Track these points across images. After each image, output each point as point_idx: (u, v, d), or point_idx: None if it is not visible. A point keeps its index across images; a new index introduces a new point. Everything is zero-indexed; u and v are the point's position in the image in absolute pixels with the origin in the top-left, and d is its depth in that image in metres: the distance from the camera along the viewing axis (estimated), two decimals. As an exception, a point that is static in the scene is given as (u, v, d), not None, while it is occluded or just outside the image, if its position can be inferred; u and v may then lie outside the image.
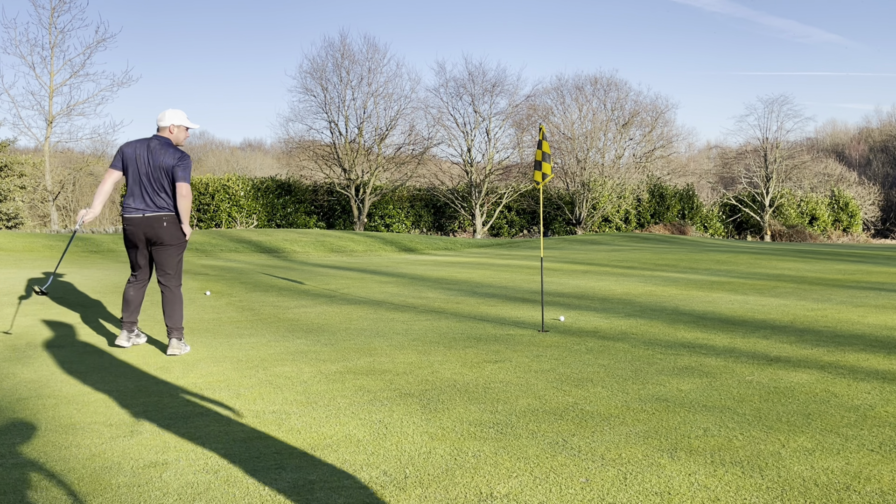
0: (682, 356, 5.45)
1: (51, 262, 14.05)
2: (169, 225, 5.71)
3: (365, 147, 38.11)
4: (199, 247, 18.39)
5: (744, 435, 3.57)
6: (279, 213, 37.90)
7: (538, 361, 5.31)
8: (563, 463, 3.22)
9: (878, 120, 77.04)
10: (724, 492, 2.88)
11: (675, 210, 43.59)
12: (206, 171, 52.31)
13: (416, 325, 6.99)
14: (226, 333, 6.59)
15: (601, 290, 10.01)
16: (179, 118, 5.85)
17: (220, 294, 9.51)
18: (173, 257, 5.79)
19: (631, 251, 20.00)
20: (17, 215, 29.66)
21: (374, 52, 38.58)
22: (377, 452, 3.38)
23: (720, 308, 8.00)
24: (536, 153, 6.90)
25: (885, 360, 5.19)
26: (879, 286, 10.13)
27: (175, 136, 5.86)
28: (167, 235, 5.71)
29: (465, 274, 12.64)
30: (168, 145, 5.78)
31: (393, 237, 25.15)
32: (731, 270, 13.08)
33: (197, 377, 4.90)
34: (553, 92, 43.90)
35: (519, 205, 41.54)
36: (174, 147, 5.80)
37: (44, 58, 28.23)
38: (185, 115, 5.89)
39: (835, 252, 19.21)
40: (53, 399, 4.35)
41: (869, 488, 2.89)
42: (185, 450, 3.43)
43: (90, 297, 8.76)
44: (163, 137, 5.82)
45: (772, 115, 49.21)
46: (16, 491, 2.96)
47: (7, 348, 5.87)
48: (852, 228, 48.55)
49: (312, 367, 5.18)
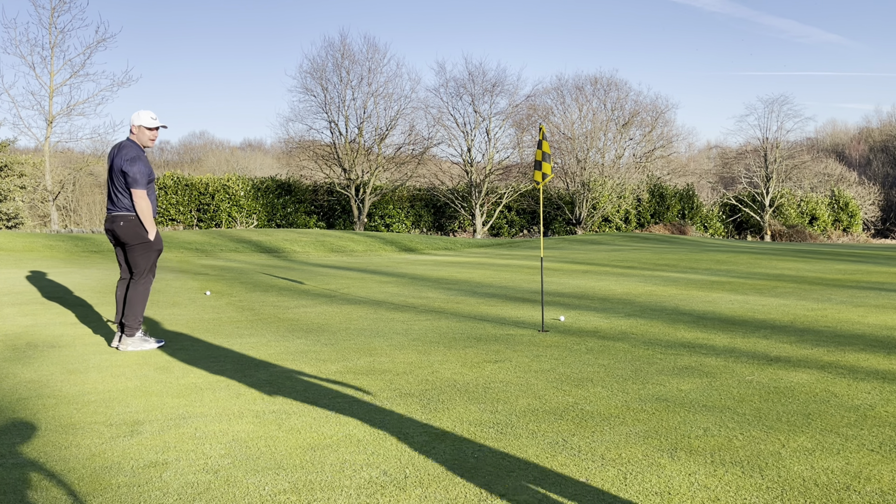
0: (682, 356, 5.45)
1: (51, 262, 14.06)
2: (126, 224, 5.81)
3: (365, 147, 38.12)
4: (199, 247, 18.38)
5: (744, 435, 3.56)
6: (279, 213, 37.90)
7: (538, 361, 5.31)
8: (563, 463, 3.22)
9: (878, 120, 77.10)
10: (724, 492, 2.88)
11: (675, 210, 43.59)
12: (206, 171, 52.30)
13: (416, 325, 6.99)
14: (226, 333, 6.59)
15: (601, 290, 10.01)
16: (140, 119, 5.88)
17: (220, 294, 9.51)
18: (137, 256, 5.89)
19: (631, 251, 20.00)
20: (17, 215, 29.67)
21: (374, 52, 38.65)
22: (377, 452, 3.38)
23: (720, 308, 8.00)
24: (536, 153, 6.90)
25: (885, 360, 5.19)
26: (879, 286, 10.12)
27: (138, 137, 5.91)
28: (125, 235, 5.84)
29: (465, 274, 12.64)
30: (130, 147, 5.84)
31: (393, 237, 25.15)
32: (731, 270, 13.08)
33: (197, 377, 4.90)
34: (553, 92, 43.97)
35: (519, 205, 41.54)
36: (133, 148, 5.84)
37: (44, 58, 28.28)
38: (151, 116, 5.90)
39: (835, 252, 19.21)
40: (53, 399, 4.35)
41: (869, 488, 2.89)
42: (185, 450, 3.43)
43: (90, 297, 8.76)
44: (129, 139, 5.92)
45: (772, 115, 49.31)
46: (16, 491, 2.96)
47: (7, 348, 5.87)
48: (852, 228, 48.56)
49: (312, 367, 5.18)
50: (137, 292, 5.89)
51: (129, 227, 5.81)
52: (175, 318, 7.40)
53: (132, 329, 5.83)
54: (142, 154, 5.84)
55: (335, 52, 38.10)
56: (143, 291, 5.91)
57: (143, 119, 5.86)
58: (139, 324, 5.88)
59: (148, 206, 5.79)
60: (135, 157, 5.75)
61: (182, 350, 5.83)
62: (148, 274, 5.95)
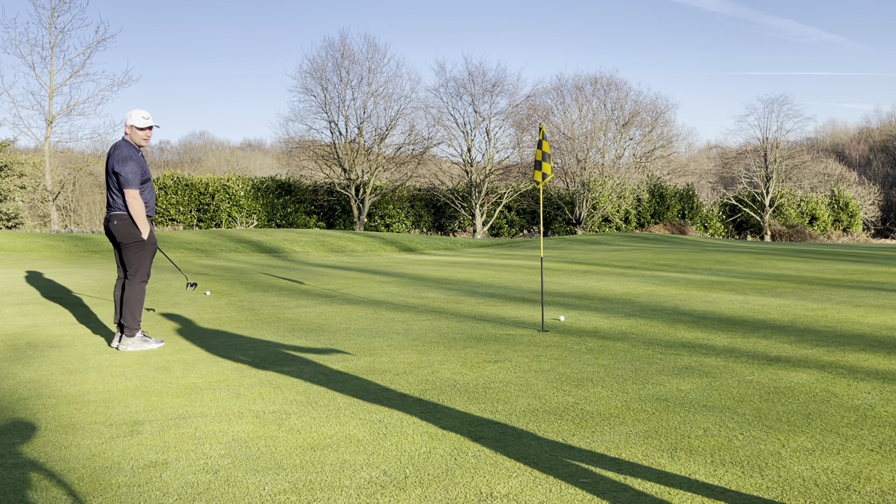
0: (682, 356, 5.45)
1: (51, 262, 14.06)
2: (119, 224, 5.84)
3: (365, 147, 38.13)
4: (199, 247, 18.38)
5: (744, 435, 3.56)
6: (279, 213, 37.90)
7: (538, 361, 5.31)
8: (563, 463, 3.22)
9: (878, 120, 77.10)
10: (724, 492, 2.88)
11: (675, 210, 43.59)
12: (205, 171, 52.31)
13: (416, 325, 6.99)
14: (226, 333, 6.59)
15: (601, 290, 10.01)
16: (132, 118, 5.90)
17: (220, 294, 9.51)
18: (130, 255, 5.90)
19: (631, 251, 20.00)
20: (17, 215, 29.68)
21: (374, 52, 38.66)
22: (377, 452, 3.38)
23: (720, 308, 8.00)
24: (536, 153, 6.90)
25: (885, 360, 5.19)
26: (879, 286, 10.13)
27: (131, 137, 5.93)
28: (118, 234, 5.87)
29: (465, 274, 12.65)
30: (122, 147, 5.85)
31: (393, 237, 25.15)
32: (731, 270, 13.08)
33: (197, 377, 4.90)
34: (553, 92, 43.97)
35: (519, 205, 41.54)
36: (126, 148, 5.85)
37: (44, 58, 28.28)
38: (143, 115, 5.90)
39: (835, 252, 19.21)
40: (53, 399, 4.35)
41: (869, 488, 2.89)
42: (185, 450, 3.43)
43: (90, 298, 8.77)
44: (124, 139, 5.95)
45: (772, 115, 49.24)
46: (16, 491, 2.96)
47: (7, 348, 5.87)
48: (852, 228, 48.57)
49: (312, 367, 5.18)
50: (133, 293, 5.90)
51: (122, 227, 5.83)
52: (175, 318, 7.40)
53: (132, 329, 5.84)
54: (135, 154, 5.83)
55: (335, 52, 38.14)
56: (138, 292, 5.92)
57: (135, 119, 5.87)
58: (138, 324, 5.89)
59: (140, 207, 5.78)
60: (127, 157, 5.75)
61: (182, 350, 5.84)
62: (143, 274, 5.95)
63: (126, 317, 5.85)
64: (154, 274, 10.12)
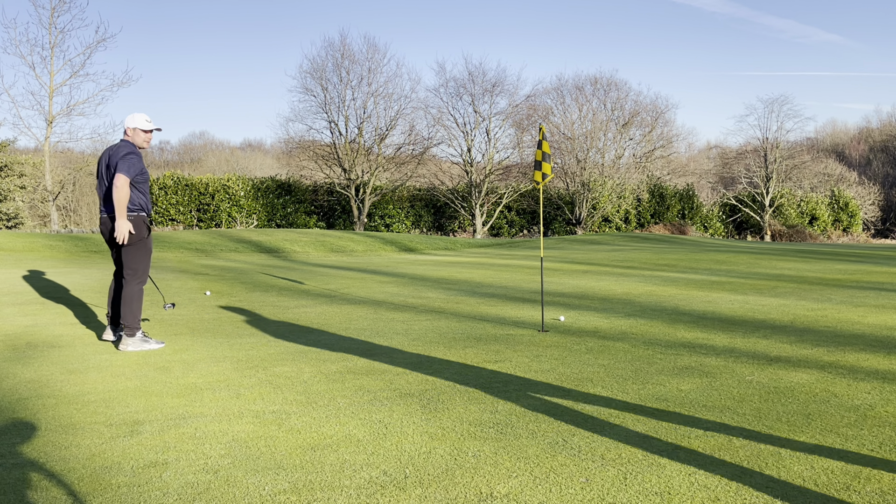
0: (682, 356, 5.45)
1: (51, 262, 14.07)
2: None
3: (365, 147, 38.12)
4: (199, 247, 18.38)
5: (744, 435, 3.56)
6: (279, 213, 37.90)
7: (538, 361, 5.31)
8: (563, 463, 3.22)
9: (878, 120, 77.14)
10: (724, 492, 2.88)
11: (675, 210, 43.59)
12: (206, 171, 52.33)
13: (416, 325, 6.99)
14: (226, 333, 6.59)
15: (601, 290, 10.01)
16: (135, 121, 5.96)
17: (220, 294, 9.51)
18: (129, 256, 5.91)
19: (631, 251, 20.00)
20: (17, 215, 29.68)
21: (374, 52, 38.66)
22: (377, 452, 3.38)
23: (720, 308, 8.00)
24: (536, 153, 6.90)
25: (885, 360, 5.19)
26: (879, 286, 10.13)
27: (133, 139, 5.98)
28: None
29: (465, 274, 12.64)
30: (124, 145, 5.90)
31: (393, 237, 25.14)
32: (731, 270, 13.08)
33: (197, 377, 4.90)
34: (553, 92, 43.97)
35: (519, 205, 41.54)
36: (128, 146, 5.89)
37: (44, 58, 28.25)
38: (146, 118, 5.99)
39: (835, 252, 19.21)
40: (53, 399, 4.35)
41: (869, 488, 2.89)
42: (185, 450, 3.43)
43: (90, 297, 8.77)
44: (124, 140, 5.98)
45: (772, 115, 49.26)
46: (16, 491, 2.96)
47: (7, 348, 5.87)
48: (852, 228, 48.58)
49: (312, 367, 5.18)
50: (131, 293, 5.90)
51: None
52: (175, 318, 7.40)
53: (132, 329, 5.84)
54: (136, 150, 5.91)
55: (335, 52, 38.14)
56: (137, 292, 5.92)
57: (138, 122, 5.94)
58: (138, 323, 5.88)
59: (126, 194, 5.72)
60: (129, 153, 5.82)
61: (182, 350, 5.83)
62: (142, 274, 5.96)
63: (126, 316, 5.85)
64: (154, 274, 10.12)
